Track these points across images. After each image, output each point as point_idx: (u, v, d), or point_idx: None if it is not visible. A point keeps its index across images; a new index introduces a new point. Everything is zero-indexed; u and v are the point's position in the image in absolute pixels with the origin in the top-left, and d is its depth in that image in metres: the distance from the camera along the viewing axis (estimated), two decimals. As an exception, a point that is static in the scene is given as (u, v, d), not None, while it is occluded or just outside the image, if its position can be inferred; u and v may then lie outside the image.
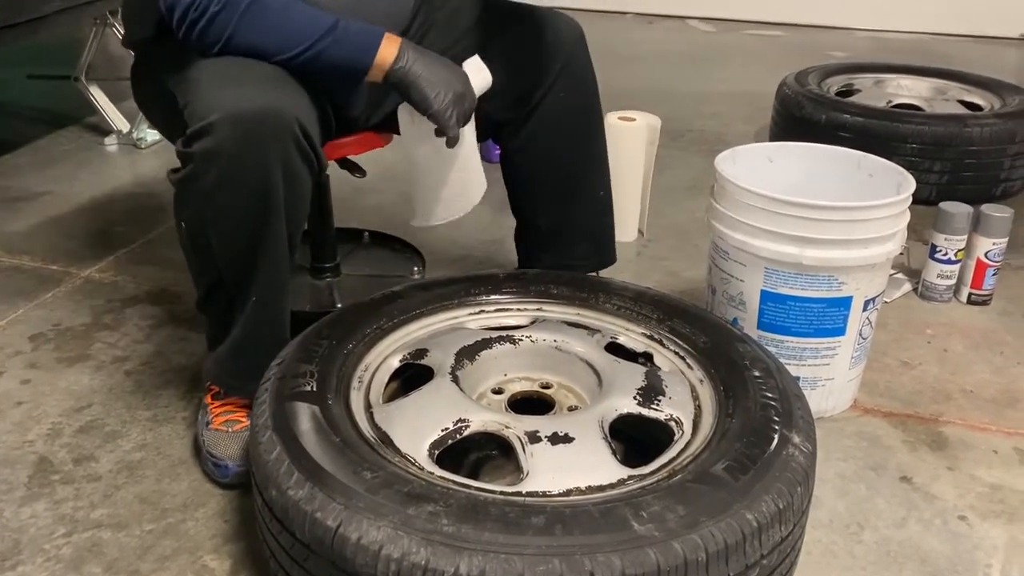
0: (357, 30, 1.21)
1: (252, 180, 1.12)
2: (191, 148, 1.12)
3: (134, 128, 2.63)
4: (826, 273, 1.34)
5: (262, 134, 1.11)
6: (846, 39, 4.08)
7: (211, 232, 1.18)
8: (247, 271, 1.20)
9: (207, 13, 1.16)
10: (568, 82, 1.42)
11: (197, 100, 1.14)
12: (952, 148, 2.19)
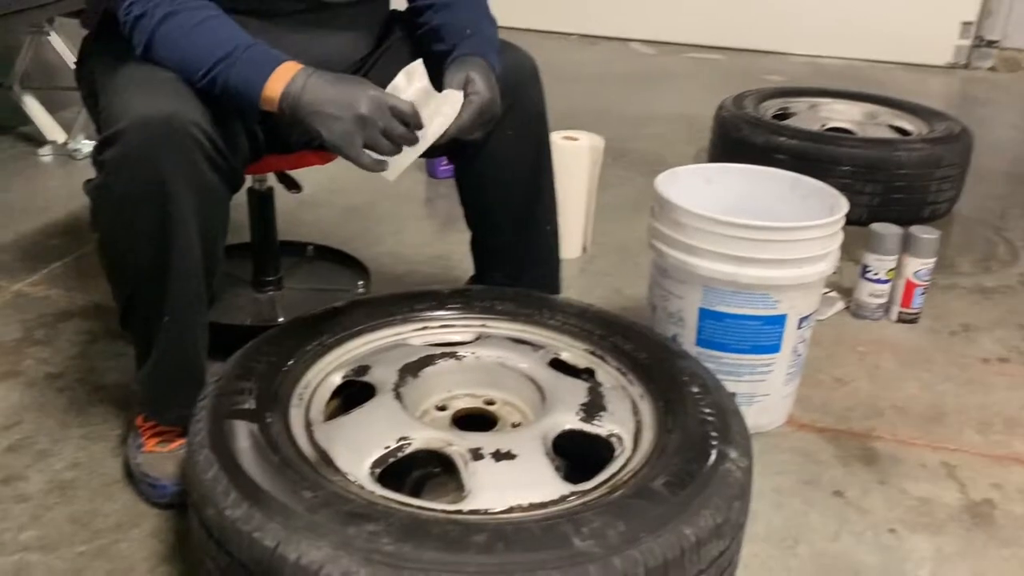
0: (252, 58, 1.13)
1: (154, 189, 1.10)
2: (103, 155, 1.11)
3: (70, 139, 2.57)
4: (762, 291, 1.37)
5: (164, 142, 1.08)
6: (783, 64, 4.19)
7: (122, 243, 1.16)
8: (158, 286, 1.17)
9: (131, 17, 1.15)
10: (518, 118, 1.41)
11: (111, 105, 1.13)
12: (883, 171, 2.26)
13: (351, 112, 1.10)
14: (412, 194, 2.41)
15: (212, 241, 1.19)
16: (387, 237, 2.14)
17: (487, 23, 1.40)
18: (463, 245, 1.65)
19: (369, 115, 1.11)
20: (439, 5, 1.40)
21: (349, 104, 1.10)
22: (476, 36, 1.35)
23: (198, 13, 1.15)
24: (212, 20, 1.16)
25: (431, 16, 1.40)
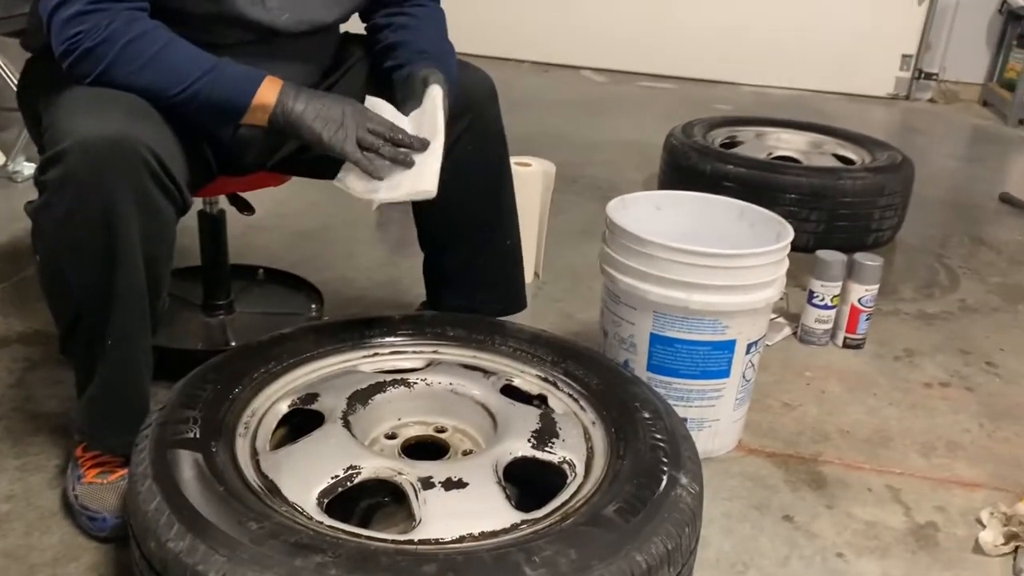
0: (237, 72, 1.18)
1: (100, 210, 1.07)
2: (45, 175, 1.08)
3: (9, 160, 2.51)
4: (711, 317, 1.39)
5: (111, 163, 1.06)
6: (731, 93, 4.28)
7: (65, 265, 1.13)
8: (100, 310, 1.14)
9: (80, 48, 1.12)
10: (477, 135, 1.42)
11: (54, 126, 1.10)
12: (828, 199, 2.31)
13: (342, 114, 1.20)
14: (363, 218, 2.40)
15: (158, 264, 1.17)
16: (338, 261, 2.12)
17: (444, 44, 1.41)
18: (415, 270, 1.64)
19: (359, 115, 1.21)
20: (396, 25, 1.40)
21: (341, 108, 1.21)
22: (432, 54, 1.35)
23: (160, 36, 1.15)
24: (177, 42, 1.16)
25: (388, 35, 1.40)
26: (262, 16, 1.25)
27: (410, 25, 1.40)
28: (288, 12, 1.27)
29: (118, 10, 1.13)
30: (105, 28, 1.12)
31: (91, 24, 1.11)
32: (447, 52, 1.39)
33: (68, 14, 1.11)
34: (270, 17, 1.26)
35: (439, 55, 1.36)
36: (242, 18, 1.24)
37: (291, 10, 1.28)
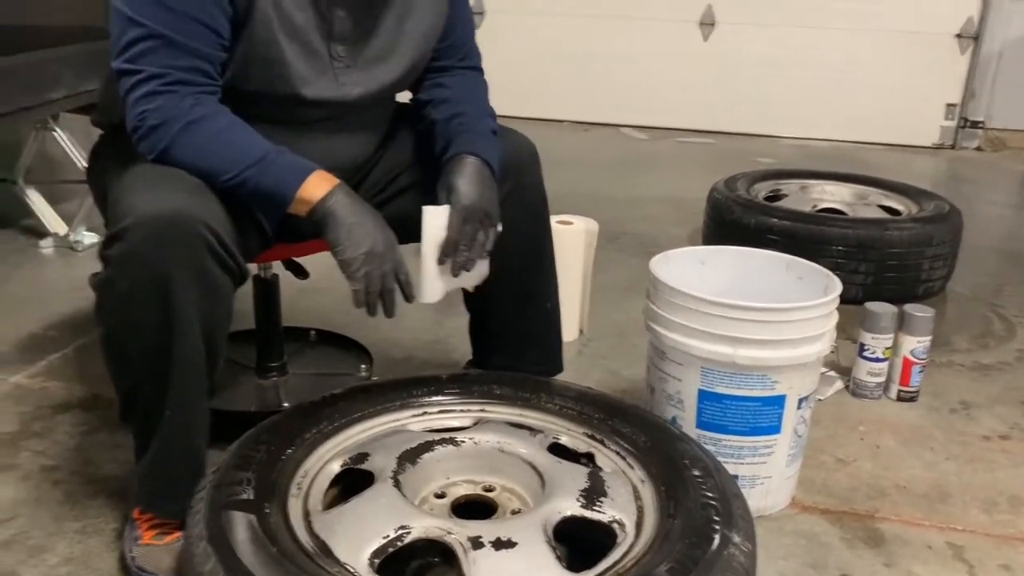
0: (286, 164, 1.21)
1: (160, 285, 1.11)
2: (109, 251, 1.13)
3: (71, 230, 2.61)
4: (760, 372, 1.38)
5: (170, 239, 1.11)
6: (773, 147, 4.28)
7: (125, 338, 1.17)
8: (160, 381, 1.18)
9: (145, 125, 1.18)
10: (518, 199, 1.45)
11: (118, 203, 1.15)
12: (875, 251, 2.29)
13: (371, 245, 1.22)
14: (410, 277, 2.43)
15: (216, 334, 1.20)
16: (386, 322, 2.11)
17: (482, 116, 1.44)
18: (461, 329, 1.66)
19: (385, 255, 1.23)
20: (437, 101, 1.44)
21: (373, 238, 1.22)
22: (467, 133, 1.39)
23: (220, 120, 1.20)
24: (236, 127, 1.21)
25: (431, 111, 1.44)
26: (335, 94, 1.31)
27: (451, 99, 1.44)
28: (360, 86, 1.33)
29: (186, 92, 1.18)
30: (171, 109, 1.17)
31: (159, 104, 1.17)
32: (483, 127, 1.42)
33: (141, 93, 1.18)
34: (342, 93, 1.32)
35: (473, 135, 1.39)
36: (318, 99, 1.29)
37: (362, 83, 1.33)
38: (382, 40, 1.34)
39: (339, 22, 1.29)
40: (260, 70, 1.25)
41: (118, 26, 1.19)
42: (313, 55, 1.28)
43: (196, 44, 1.18)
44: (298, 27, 1.25)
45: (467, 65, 1.49)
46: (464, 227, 1.30)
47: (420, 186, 1.44)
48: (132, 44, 1.17)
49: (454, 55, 1.46)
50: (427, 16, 1.37)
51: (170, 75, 1.17)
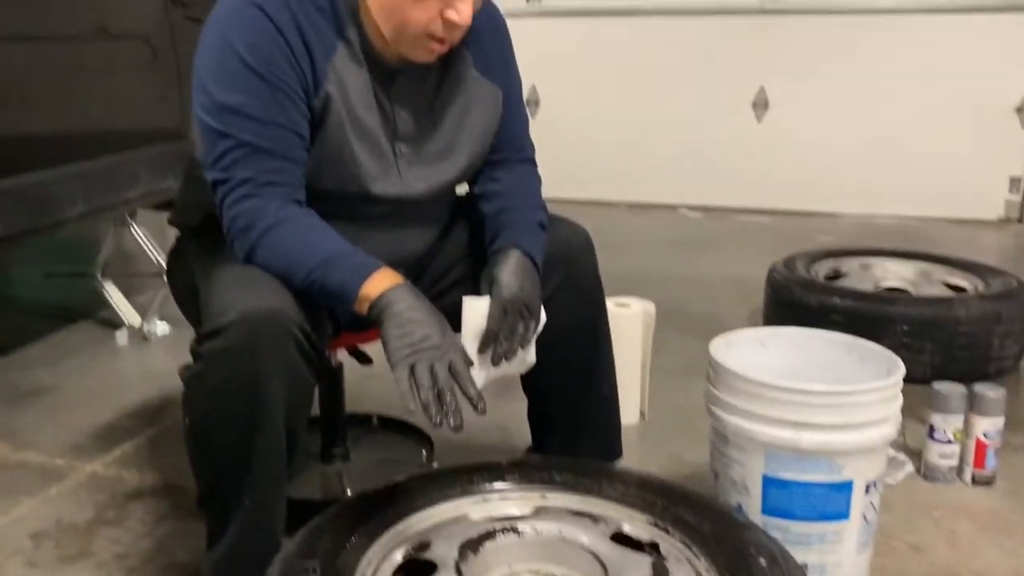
0: (352, 263, 1.23)
1: (253, 382, 1.16)
2: (202, 347, 1.18)
3: (145, 321, 2.71)
4: (825, 457, 1.35)
5: (264, 338, 1.15)
6: (832, 224, 4.26)
7: (212, 430, 1.21)
8: (242, 471, 1.21)
9: (235, 228, 1.25)
10: (573, 287, 1.48)
11: (213, 302, 1.21)
12: (941, 329, 2.25)
13: (422, 339, 1.17)
14: (470, 364, 2.46)
15: (296, 426, 1.25)
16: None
17: (530, 209, 1.47)
18: (520, 413, 1.67)
19: (440, 345, 1.17)
20: (489, 195, 1.49)
21: (425, 333, 1.17)
22: (513, 227, 1.42)
23: (298, 223, 1.25)
24: (313, 229, 1.26)
25: (482, 205, 1.49)
26: (400, 190, 1.37)
27: (501, 192, 1.48)
28: (423, 182, 1.38)
29: (274, 194, 1.24)
30: (257, 211, 1.23)
31: (248, 206, 1.24)
32: (529, 221, 1.45)
33: (233, 198, 1.24)
34: (407, 189, 1.37)
35: (519, 229, 1.42)
36: (384, 196, 1.35)
37: (425, 179, 1.39)
38: (443, 138, 1.40)
39: (402, 122, 1.35)
40: (333, 169, 1.31)
41: (208, 140, 1.26)
42: (380, 154, 1.34)
43: (282, 149, 1.25)
44: (367, 128, 1.31)
45: (520, 158, 1.53)
46: (504, 319, 1.30)
47: (473, 279, 1.47)
48: (224, 155, 1.24)
49: (508, 148, 1.51)
50: (485, 113, 1.43)
51: (259, 178, 1.24)
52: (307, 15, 1.26)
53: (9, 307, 3.20)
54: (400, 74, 1.35)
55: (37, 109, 2.16)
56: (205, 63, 1.26)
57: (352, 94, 1.30)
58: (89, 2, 2.37)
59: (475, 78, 1.41)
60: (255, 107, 1.23)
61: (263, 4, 1.24)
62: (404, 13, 1.24)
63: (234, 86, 1.23)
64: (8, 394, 2.29)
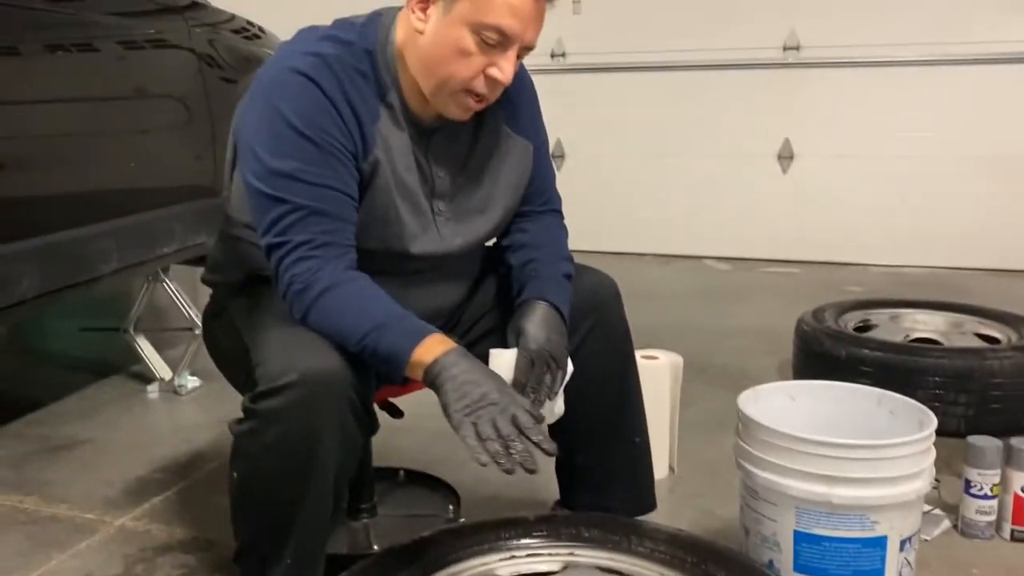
0: (403, 328, 1.24)
1: (308, 442, 1.18)
2: (258, 405, 1.19)
3: (175, 375, 2.74)
4: (858, 512, 1.33)
5: (323, 399, 1.17)
6: (861, 274, 4.23)
7: (262, 487, 1.22)
8: (286, 528, 1.22)
9: (292, 291, 1.26)
10: (602, 335, 1.49)
11: (270, 361, 1.21)
12: (975, 381, 2.21)
13: (482, 398, 1.17)
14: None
15: (341, 484, 1.26)
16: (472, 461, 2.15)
17: (557, 261, 1.48)
18: (547, 467, 1.65)
19: (499, 402, 1.17)
20: (516, 246, 1.51)
21: (482, 389, 1.18)
22: (540, 279, 1.44)
23: (351, 287, 1.26)
24: (365, 293, 1.27)
25: (509, 256, 1.51)
26: (439, 247, 1.39)
27: (528, 244, 1.50)
28: (460, 237, 1.41)
29: (330, 256, 1.26)
30: (313, 274, 1.24)
31: (304, 268, 1.25)
32: (555, 273, 1.46)
33: (290, 260, 1.25)
34: (445, 246, 1.40)
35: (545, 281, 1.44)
36: (423, 254, 1.38)
37: (462, 234, 1.41)
38: (479, 193, 1.43)
39: (439, 180, 1.39)
40: (378, 230, 1.34)
41: (260, 205, 1.27)
42: (419, 212, 1.37)
43: (336, 210, 1.27)
44: (409, 189, 1.35)
45: (547, 209, 1.56)
46: (531, 370, 1.31)
47: (501, 330, 1.48)
48: (279, 219, 1.26)
49: (536, 200, 1.54)
50: (517, 168, 1.46)
51: (315, 240, 1.25)
52: (351, 81, 1.29)
53: (43, 361, 3.25)
54: (436, 133, 1.38)
55: (75, 167, 2.22)
56: (254, 131, 1.28)
57: (396, 156, 1.33)
58: (128, 64, 2.45)
59: (507, 134, 1.45)
60: (309, 172, 1.25)
61: (309, 72, 1.27)
62: (448, 68, 1.27)
63: (287, 153, 1.25)
64: (41, 448, 2.31)
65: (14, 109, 2.04)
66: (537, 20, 1.26)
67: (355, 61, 1.30)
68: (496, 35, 1.24)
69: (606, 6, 4.62)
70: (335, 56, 1.29)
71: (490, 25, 1.23)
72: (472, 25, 1.23)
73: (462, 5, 1.23)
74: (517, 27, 1.24)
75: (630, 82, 4.69)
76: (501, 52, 1.26)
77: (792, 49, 4.43)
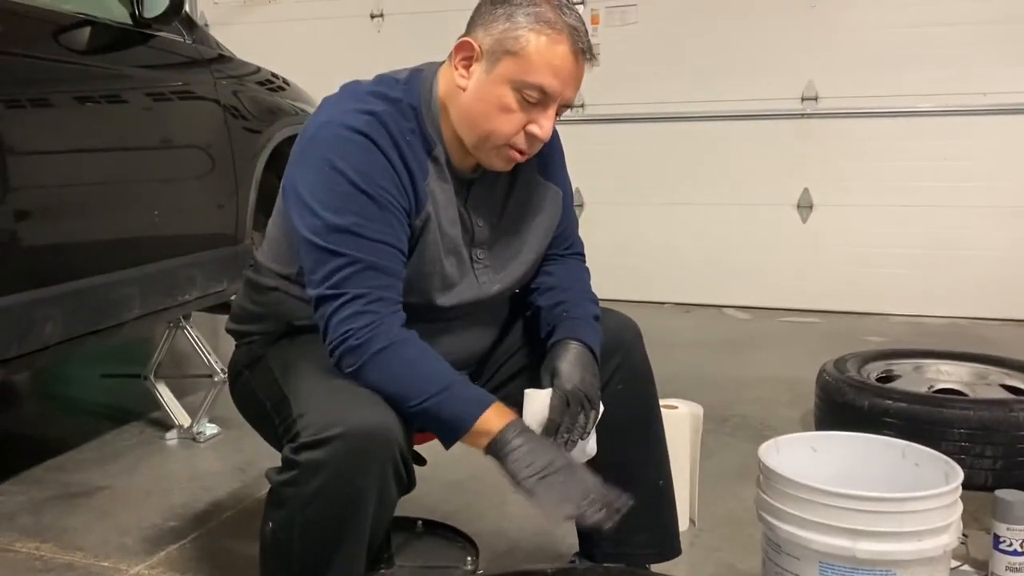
0: (467, 395, 1.26)
1: (350, 496, 1.17)
2: (300, 456, 1.18)
3: (195, 423, 2.74)
4: (883, 568, 1.31)
5: (371, 455, 1.17)
6: (882, 325, 4.19)
7: (296, 538, 1.21)
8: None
9: (346, 345, 1.25)
10: (625, 378, 1.49)
11: (315, 412, 1.21)
12: (1002, 433, 2.17)
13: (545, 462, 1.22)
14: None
15: (377, 539, 1.26)
16: (490, 511, 2.13)
17: (585, 303, 1.50)
18: (567, 520, 1.64)
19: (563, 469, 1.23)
20: (543, 288, 1.52)
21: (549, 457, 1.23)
22: (571, 319, 1.45)
23: (410, 348, 1.27)
24: (425, 354, 1.28)
25: (536, 298, 1.52)
26: (476, 294, 1.41)
27: (555, 286, 1.51)
28: (497, 283, 1.43)
29: (386, 311, 1.27)
30: (371, 330, 1.25)
31: (360, 324, 1.25)
32: (585, 313, 1.47)
33: (346, 314, 1.25)
34: (482, 293, 1.42)
35: (575, 321, 1.45)
36: (462, 303, 1.39)
37: (499, 280, 1.43)
38: (515, 240, 1.45)
39: (478, 229, 1.41)
40: (423, 283, 1.35)
41: (314, 258, 1.28)
42: (461, 262, 1.39)
43: (390, 266, 1.29)
44: (454, 241, 1.37)
45: (571, 252, 1.58)
46: (566, 410, 1.32)
47: (528, 370, 1.49)
48: (334, 272, 1.26)
49: (560, 244, 1.56)
50: (548, 213, 1.49)
51: (370, 294, 1.26)
52: (404, 138, 1.32)
53: (64, 407, 3.27)
54: (475, 183, 1.41)
55: (100, 215, 2.26)
56: (310, 187, 1.29)
57: (442, 211, 1.35)
58: (154, 115, 2.50)
59: (539, 182, 1.48)
60: (367, 227, 1.26)
61: (366, 130, 1.29)
62: (490, 124, 1.30)
63: (346, 208, 1.26)
64: (59, 494, 2.31)
65: (43, 159, 2.08)
66: (576, 79, 1.30)
67: (404, 119, 1.33)
68: (537, 93, 1.28)
69: (624, 57, 4.68)
70: (388, 114, 1.31)
71: (532, 84, 1.27)
72: (514, 83, 1.27)
73: (505, 64, 1.27)
74: (558, 86, 1.28)
75: (649, 132, 4.73)
76: (542, 110, 1.29)
77: (810, 100, 4.46)
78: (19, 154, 1.97)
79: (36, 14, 2.16)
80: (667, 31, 4.63)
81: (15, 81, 2.00)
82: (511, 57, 1.27)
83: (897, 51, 4.26)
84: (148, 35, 2.54)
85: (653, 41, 4.64)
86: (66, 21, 2.24)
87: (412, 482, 1.26)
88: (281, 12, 5.28)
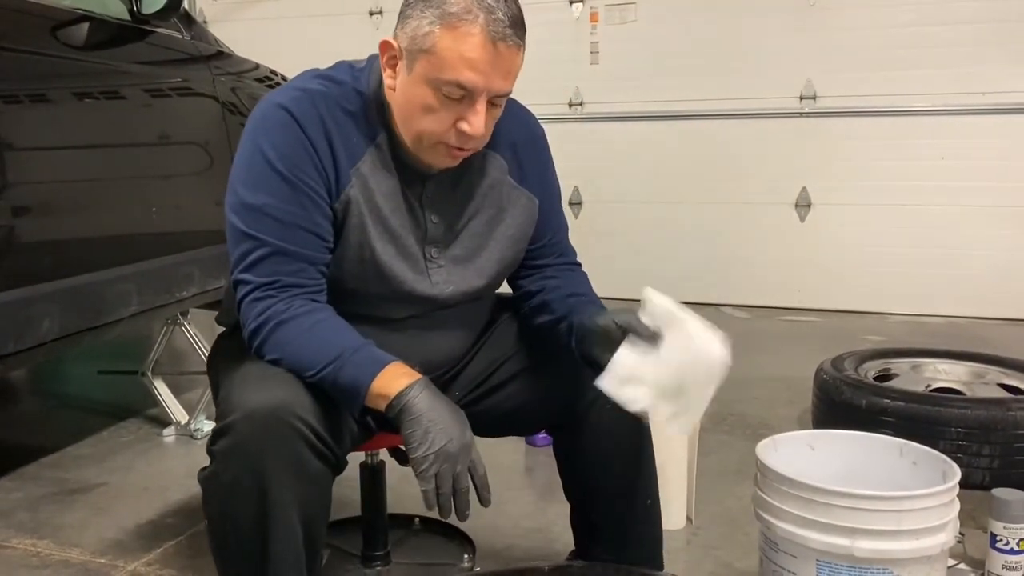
0: (363, 358, 1.22)
1: (259, 479, 1.15)
2: (215, 446, 1.18)
3: (192, 419, 2.74)
4: (880, 566, 1.30)
5: (267, 434, 1.15)
6: (881, 324, 4.19)
7: (228, 530, 1.20)
8: (260, 573, 1.20)
9: (249, 329, 1.26)
10: None
11: (226, 399, 1.21)
12: (999, 432, 2.17)
13: (446, 443, 1.18)
14: (511, 463, 2.43)
15: (315, 525, 1.23)
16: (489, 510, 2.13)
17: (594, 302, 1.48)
18: (563, 518, 1.64)
19: (459, 455, 1.19)
20: (549, 288, 1.49)
21: (448, 436, 1.18)
22: (594, 304, 1.42)
23: (310, 318, 1.26)
24: (324, 323, 1.26)
25: (543, 295, 1.49)
26: (428, 291, 1.38)
27: (562, 286, 1.48)
28: (452, 285, 1.40)
29: (291, 296, 1.26)
30: (270, 311, 1.25)
31: (262, 307, 1.26)
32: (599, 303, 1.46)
33: (251, 299, 1.27)
34: (435, 291, 1.39)
35: (600, 306, 1.42)
36: (411, 295, 1.37)
37: (454, 283, 1.40)
38: (473, 243, 1.41)
39: (433, 226, 1.38)
40: (353, 268, 1.33)
41: (233, 239, 1.29)
42: (407, 255, 1.36)
43: (304, 251, 1.27)
44: (393, 230, 1.34)
45: (564, 263, 1.54)
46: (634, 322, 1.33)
47: (524, 375, 1.47)
48: (245, 256, 1.27)
49: (551, 254, 1.53)
50: (517, 221, 1.44)
51: (278, 281, 1.26)
52: (334, 118, 1.30)
53: (61, 404, 3.26)
54: (431, 179, 1.37)
55: (97, 212, 2.25)
56: (237, 164, 1.31)
57: (378, 197, 1.32)
58: (152, 112, 2.49)
59: (511, 186, 1.44)
60: (279, 209, 1.26)
61: (291, 107, 1.28)
62: (418, 124, 1.27)
63: (259, 187, 1.26)
64: (57, 491, 2.31)
65: (40, 155, 2.07)
66: (499, 67, 1.22)
67: (343, 100, 1.31)
68: (458, 89, 1.22)
69: (623, 56, 4.68)
70: (321, 93, 1.30)
71: (448, 81, 1.21)
72: (432, 82, 1.23)
73: (421, 63, 1.23)
74: (478, 80, 1.21)
75: (647, 131, 4.73)
76: (469, 105, 1.24)
77: (808, 99, 4.46)
78: (16, 150, 1.96)
79: (34, 9, 2.15)
80: (666, 30, 4.62)
81: (12, 77, 1.99)
82: (425, 55, 1.22)
83: (896, 50, 4.26)
84: (146, 31, 2.53)
85: (652, 40, 4.64)
86: (64, 17, 2.24)
87: (338, 456, 1.23)
88: (279, 9, 5.28)
